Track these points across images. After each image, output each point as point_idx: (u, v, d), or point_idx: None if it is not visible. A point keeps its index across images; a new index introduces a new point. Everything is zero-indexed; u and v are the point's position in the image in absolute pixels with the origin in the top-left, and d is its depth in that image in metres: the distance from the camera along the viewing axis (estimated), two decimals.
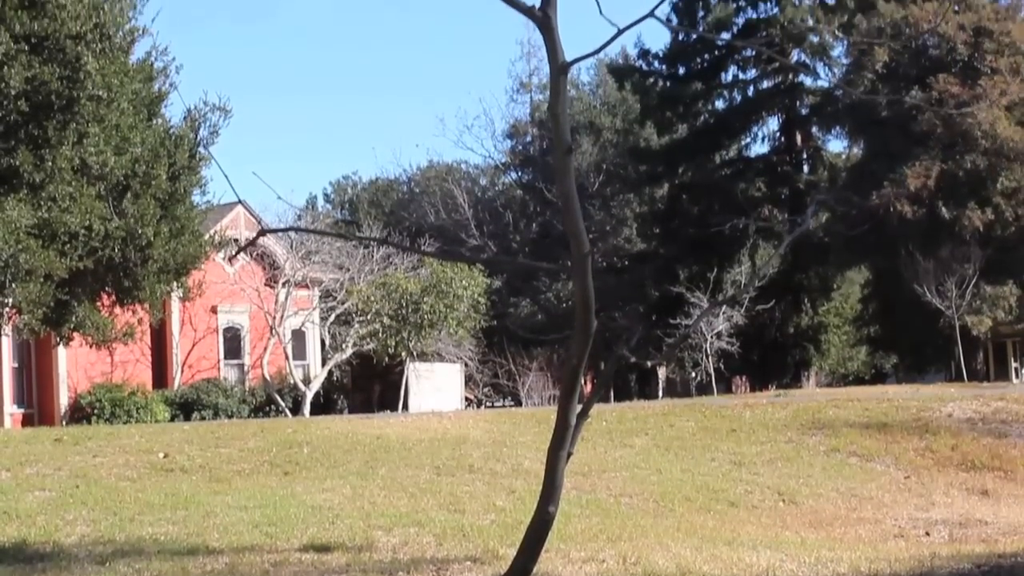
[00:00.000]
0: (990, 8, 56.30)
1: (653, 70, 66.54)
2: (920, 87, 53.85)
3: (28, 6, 25.55)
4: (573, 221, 5.62)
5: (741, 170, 65.84)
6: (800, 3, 63.34)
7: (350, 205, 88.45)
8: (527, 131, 78.62)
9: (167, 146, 28.73)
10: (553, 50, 5.68)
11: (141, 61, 29.36)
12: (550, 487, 5.81)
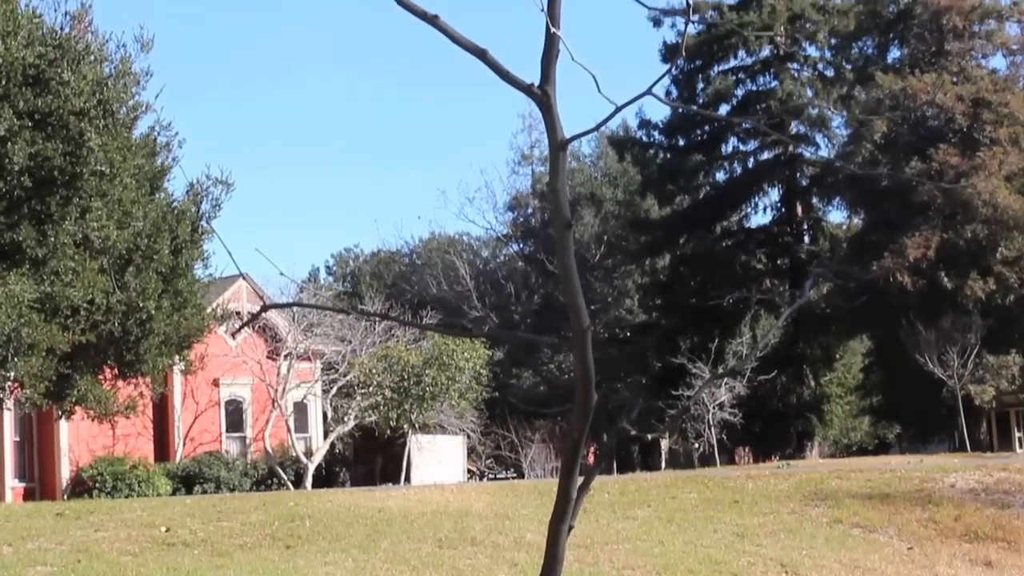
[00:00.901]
0: (988, 79, 56.64)
1: (653, 142, 66.88)
2: (919, 158, 54.08)
3: (32, 83, 25.77)
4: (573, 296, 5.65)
5: (742, 241, 66.02)
6: (799, 75, 63.79)
7: (352, 277, 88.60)
8: (528, 203, 78.87)
9: (169, 220, 28.87)
10: (552, 127, 5.74)
11: (144, 136, 29.57)
12: (551, 561, 5.81)
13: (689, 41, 59.61)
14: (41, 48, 26.27)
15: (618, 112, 6.15)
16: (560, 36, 5.82)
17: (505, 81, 6.02)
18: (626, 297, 72.64)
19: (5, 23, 25.83)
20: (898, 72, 56.80)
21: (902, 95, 54.70)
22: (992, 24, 58.95)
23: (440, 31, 5.90)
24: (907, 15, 59.46)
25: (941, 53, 58.18)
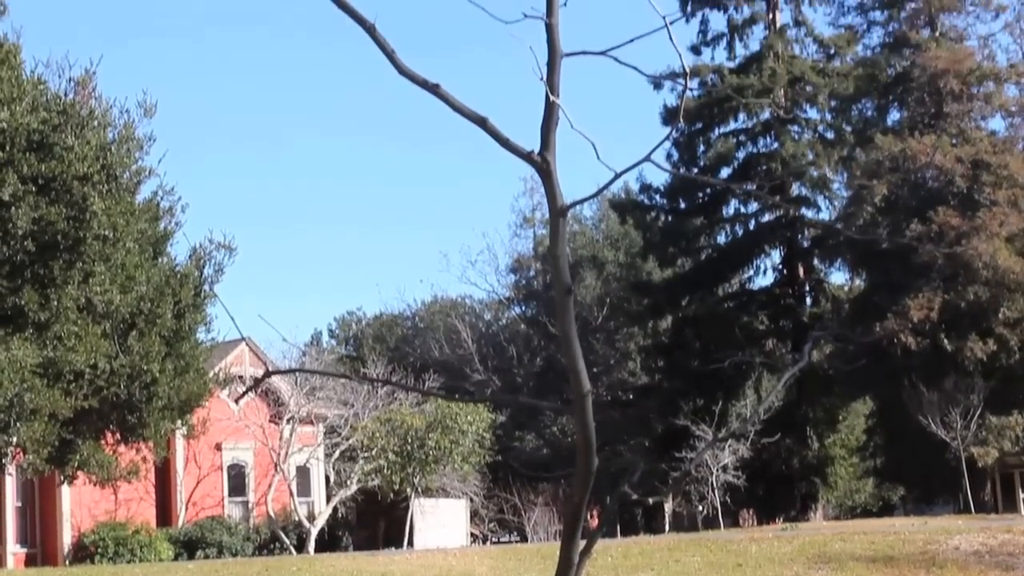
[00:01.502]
0: (987, 141, 56.86)
1: (655, 204, 67.04)
2: (920, 219, 54.22)
3: (37, 148, 25.91)
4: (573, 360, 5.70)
5: (744, 303, 66.07)
6: (800, 138, 64.03)
7: (355, 340, 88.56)
8: (530, 265, 79.03)
9: (172, 284, 28.94)
10: (552, 194, 5.80)
11: (147, 201, 29.69)
12: None
13: (690, 104, 60.21)
14: (45, 114, 26.43)
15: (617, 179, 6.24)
16: (559, 104, 5.90)
17: (505, 148, 6.09)
18: (628, 359, 72.59)
19: (10, 90, 26.01)
20: (898, 134, 57.06)
21: (902, 157, 54.93)
22: (990, 86, 59.28)
23: (441, 100, 5.98)
24: (906, 78, 59.78)
25: (940, 115, 58.46)
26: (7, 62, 26.45)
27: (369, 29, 5.67)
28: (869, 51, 64.65)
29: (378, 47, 5.69)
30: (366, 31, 5.67)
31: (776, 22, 65.36)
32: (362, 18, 5.65)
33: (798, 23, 65.97)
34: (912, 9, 62.58)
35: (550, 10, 5.83)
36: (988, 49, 63.06)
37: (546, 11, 5.84)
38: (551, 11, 5.82)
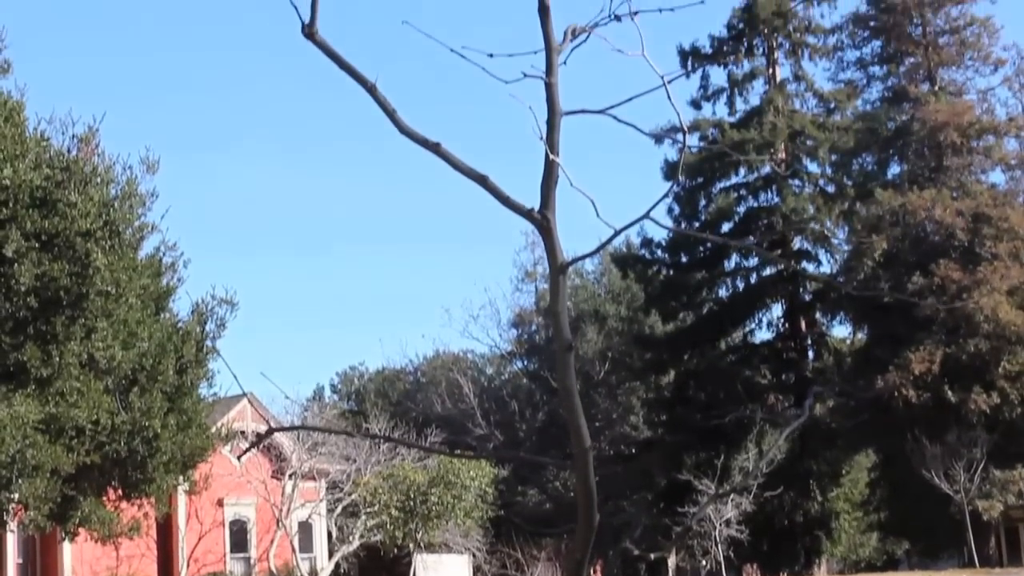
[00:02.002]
0: (987, 194, 57.01)
1: (656, 259, 67.10)
2: (921, 272, 54.30)
3: (40, 205, 26.00)
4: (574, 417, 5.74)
5: (746, 357, 66.00)
6: (800, 192, 64.17)
7: (357, 395, 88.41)
8: (532, 320, 78.98)
9: (174, 340, 28.96)
10: (552, 251, 5.86)
11: (150, 257, 29.75)
12: None
13: (691, 158, 60.40)
14: (48, 170, 26.54)
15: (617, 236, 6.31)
16: (559, 163, 5.96)
17: (505, 206, 6.17)
18: (631, 413, 72.44)
19: (13, 146, 26.13)
20: (898, 188, 57.25)
21: (902, 211, 55.09)
22: (990, 139, 59.53)
23: (442, 158, 6.05)
24: (906, 131, 60.02)
25: (940, 168, 58.66)
26: (11, 119, 26.59)
27: (370, 89, 5.75)
28: (869, 105, 64.97)
29: (379, 107, 5.78)
30: (367, 91, 5.75)
31: (776, 77, 65.69)
32: (363, 79, 5.73)
33: (798, 78, 66.29)
34: (911, 64, 62.94)
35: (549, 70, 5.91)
36: (987, 103, 63.41)
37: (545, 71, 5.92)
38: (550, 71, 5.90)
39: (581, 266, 75.78)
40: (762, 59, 65.80)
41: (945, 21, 62.45)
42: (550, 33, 6.00)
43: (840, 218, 62.71)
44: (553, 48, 5.98)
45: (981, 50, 62.57)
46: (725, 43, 65.41)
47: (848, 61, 65.78)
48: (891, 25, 62.61)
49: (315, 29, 5.76)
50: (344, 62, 5.84)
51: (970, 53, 62.76)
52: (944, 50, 62.32)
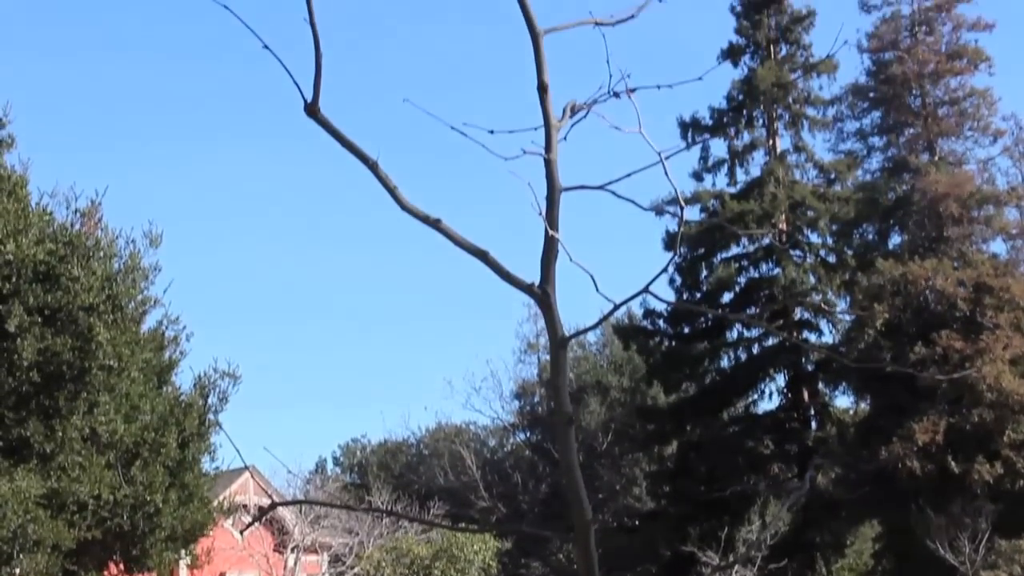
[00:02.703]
0: (989, 264, 57.07)
1: (658, 329, 67.09)
2: (923, 342, 54.28)
3: (43, 279, 26.10)
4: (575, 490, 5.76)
5: (749, 427, 65.83)
6: (802, 262, 64.29)
7: (359, 468, 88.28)
8: (535, 391, 78.97)
9: (176, 414, 28.98)
10: (552, 325, 5.89)
11: (152, 330, 29.84)
12: None
13: (691, 229, 60.53)
14: (51, 245, 26.66)
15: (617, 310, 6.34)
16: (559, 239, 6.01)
17: (506, 281, 6.20)
18: (634, 485, 72.27)
19: (17, 221, 26.27)
20: (899, 258, 57.32)
21: (903, 281, 55.15)
22: (990, 209, 59.62)
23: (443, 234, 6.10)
24: (906, 202, 60.16)
25: (941, 238, 58.74)
26: (14, 194, 26.76)
27: (372, 167, 5.80)
28: (869, 175, 65.16)
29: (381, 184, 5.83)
30: (369, 168, 5.81)
31: (776, 148, 65.98)
32: (365, 156, 5.79)
33: (798, 149, 66.55)
34: (911, 134, 63.18)
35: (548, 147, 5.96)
36: (987, 173, 63.54)
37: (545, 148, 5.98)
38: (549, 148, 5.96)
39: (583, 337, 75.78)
40: (762, 130, 66.13)
41: (944, 92, 62.77)
42: (549, 110, 6.07)
43: (841, 288, 62.76)
44: (552, 125, 6.05)
45: (980, 121, 62.83)
46: (725, 115, 65.76)
47: (848, 132, 66.07)
48: (891, 96, 62.92)
49: (317, 107, 5.83)
50: (346, 140, 5.91)
51: (969, 124, 63.00)
52: (944, 121, 62.58)
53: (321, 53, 5.76)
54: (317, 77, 5.78)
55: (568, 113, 6.23)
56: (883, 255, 58.68)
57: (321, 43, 5.77)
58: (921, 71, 61.64)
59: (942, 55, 61.99)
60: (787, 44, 66.75)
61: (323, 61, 5.76)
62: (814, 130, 66.48)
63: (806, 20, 66.16)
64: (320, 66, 5.76)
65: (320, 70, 5.78)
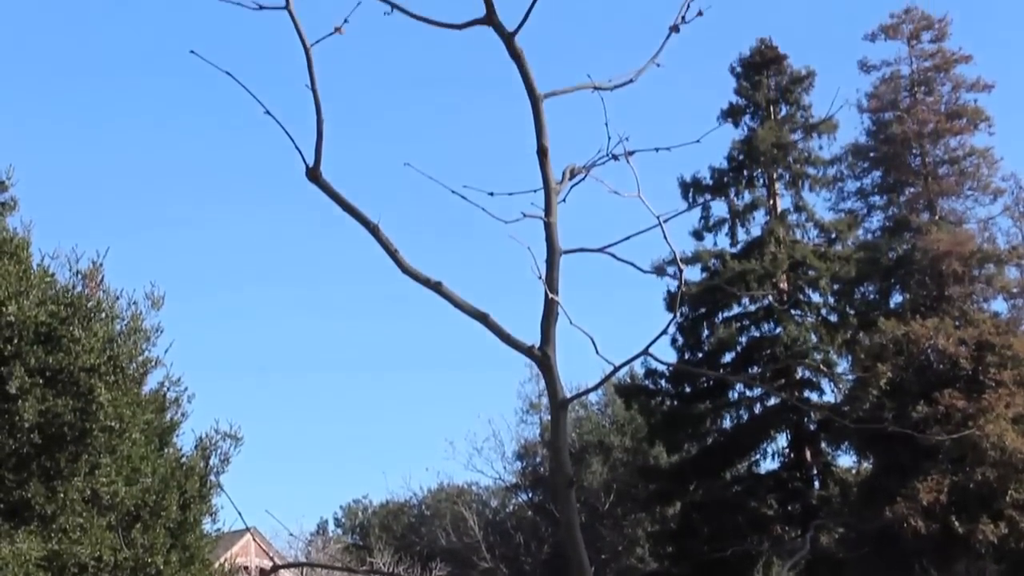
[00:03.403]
0: (990, 323, 57.10)
1: (660, 389, 67.02)
2: (925, 401, 54.23)
3: (44, 341, 26.08)
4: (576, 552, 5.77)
5: (752, 487, 65.63)
6: (803, 321, 64.28)
7: (361, 529, 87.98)
8: (537, 451, 78.79)
9: (178, 476, 28.86)
10: (552, 387, 5.92)
11: (154, 391, 29.74)
12: None
13: (693, 289, 60.58)
14: (53, 307, 26.65)
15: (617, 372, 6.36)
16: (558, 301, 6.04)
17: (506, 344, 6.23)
18: (637, 545, 72.01)
19: (18, 283, 26.29)
20: (900, 317, 57.35)
21: (905, 340, 55.15)
22: (991, 268, 59.75)
23: (443, 297, 6.14)
24: (907, 261, 60.27)
25: (942, 297, 58.80)
26: (16, 256, 26.78)
27: (373, 230, 5.85)
28: (870, 235, 65.33)
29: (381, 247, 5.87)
30: (370, 232, 5.85)
31: (777, 207, 66.15)
32: (366, 220, 5.83)
33: (799, 208, 66.74)
34: (911, 193, 63.41)
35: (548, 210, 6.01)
36: (988, 232, 63.74)
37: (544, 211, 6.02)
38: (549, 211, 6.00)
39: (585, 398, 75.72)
40: (763, 190, 66.33)
41: (944, 152, 63.04)
42: (548, 174, 6.12)
43: (843, 347, 62.74)
44: (552, 188, 6.10)
45: (980, 180, 63.08)
46: (726, 174, 66.01)
47: (848, 191, 66.32)
48: (891, 156, 63.19)
49: (319, 172, 5.88)
50: (347, 204, 5.96)
51: (970, 183, 63.25)
52: (944, 180, 62.81)
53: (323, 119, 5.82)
54: (319, 142, 5.83)
55: (567, 176, 6.27)
56: (885, 314, 58.73)
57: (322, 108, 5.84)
58: (921, 131, 61.97)
59: (942, 115, 62.33)
60: (787, 104, 67.07)
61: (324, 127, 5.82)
62: (815, 189, 66.70)
63: (806, 81, 66.51)
64: (321, 131, 5.81)
65: (321, 135, 5.83)
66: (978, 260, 58.87)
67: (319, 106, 5.83)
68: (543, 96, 6.13)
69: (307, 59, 5.87)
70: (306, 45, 5.89)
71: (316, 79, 5.80)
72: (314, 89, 5.78)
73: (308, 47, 5.89)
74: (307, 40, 5.89)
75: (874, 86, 64.29)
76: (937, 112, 62.53)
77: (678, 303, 6.64)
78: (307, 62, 5.85)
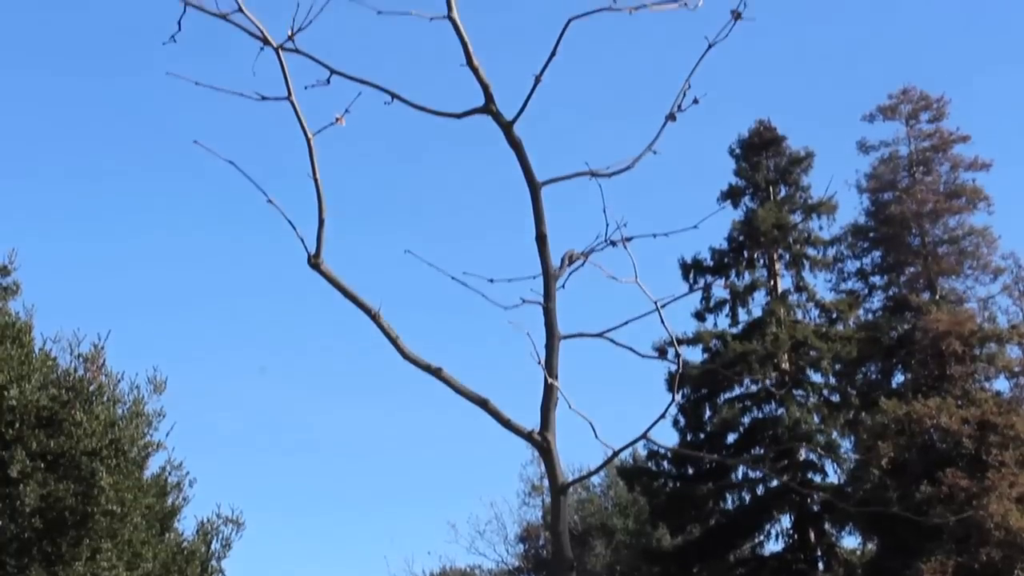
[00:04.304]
0: (992, 402, 57.00)
1: (662, 471, 66.74)
2: (929, 481, 54.03)
3: (45, 425, 26.14)
4: None
5: (756, 569, 65.19)
6: (805, 402, 64.15)
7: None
8: (539, 534, 78.39)
9: (179, 561, 28.81)
10: (552, 472, 5.96)
11: (155, 476, 29.75)
12: None
13: (695, 371, 60.54)
14: (54, 390, 26.75)
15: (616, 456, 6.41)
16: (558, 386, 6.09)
17: (506, 428, 6.27)
18: None
19: (20, 367, 26.38)
20: (902, 397, 57.27)
21: (907, 419, 55.05)
22: (992, 347, 59.72)
23: (444, 383, 6.18)
24: (908, 340, 60.28)
25: (944, 377, 58.75)
26: (18, 340, 26.90)
27: (374, 317, 5.91)
28: (871, 314, 65.37)
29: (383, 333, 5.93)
30: (371, 319, 5.91)
31: (778, 288, 66.21)
32: (367, 306, 5.90)
33: (799, 288, 66.78)
34: (911, 273, 63.55)
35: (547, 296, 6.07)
36: (988, 311, 63.81)
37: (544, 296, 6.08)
38: (548, 297, 6.06)
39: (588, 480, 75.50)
40: (763, 270, 66.43)
41: (944, 231, 63.24)
42: (548, 260, 6.19)
43: (845, 428, 62.56)
44: (551, 274, 6.17)
45: (980, 259, 63.24)
46: (726, 255, 66.14)
47: (849, 271, 66.45)
48: (890, 236, 63.39)
49: (320, 260, 5.95)
50: (348, 291, 6.02)
51: (969, 262, 63.40)
52: (944, 260, 62.97)
53: (324, 207, 5.90)
54: (320, 230, 5.91)
55: (566, 262, 6.33)
56: (887, 394, 58.64)
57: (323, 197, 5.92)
58: (920, 210, 62.20)
59: (941, 195, 62.61)
60: (786, 185, 67.31)
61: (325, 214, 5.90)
62: (815, 270, 66.78)
63: (804, 162, 66.82)
64: (323, 220, 5.89)
65: (323, 224, 5.91)
66: (979, 339, 58.88)
67: (320, 195, 5.92)
68: (542, 184, 6.22)
69: (309, 148, 5.96)
70: (308, 135, 5.98)
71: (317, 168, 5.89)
72: (315, 179, 5.86)
73: (310, 137, 5.98)
74: (309, 130, 5.99)
75: (873, 166, 64.68)
76: (936, 192, 62.81)
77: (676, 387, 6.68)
78: (309, 151, 5.94)
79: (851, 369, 64.42)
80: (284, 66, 5.99)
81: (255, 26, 5.98)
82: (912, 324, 60.49)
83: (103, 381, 28.14)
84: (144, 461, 28.84)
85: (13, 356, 26.37)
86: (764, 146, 66.93)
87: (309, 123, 6.08)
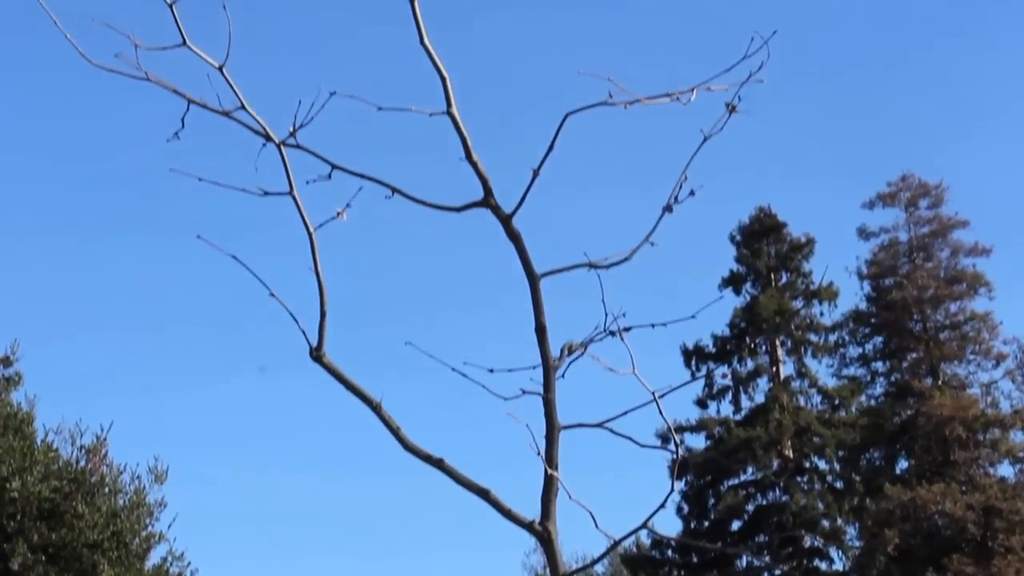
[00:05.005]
0: (997, 487, 56.82)
1: (666, 559, 66.31)
2: (934, 567, 53.76)
3: (47, 516, 26.08)
4: None
5: None
6: (809, 488, 63.90)
7: None
8: None
9: None
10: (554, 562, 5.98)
11: (157, 567, 29.62)
12: None
13: (698, 458, 60.35)
14: (56, 482, 26.72)
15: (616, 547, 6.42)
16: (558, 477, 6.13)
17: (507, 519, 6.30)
18: None
19: (22, 459, 26.37)
20: (907, 483, 57.08)
21: (912, 505, 54.84)
22: (996, 432, 59.59)
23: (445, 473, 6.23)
24: (911, 426, 60.16)
25: (948, 462, 58.59)
26: (20, 432, 26.91)
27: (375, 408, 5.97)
28: (873, 400, 65.25)
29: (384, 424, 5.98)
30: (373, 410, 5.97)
31: (780, 374, 66.14)
32: (369, 398, 5.96)
33: (801, 375, 66.70)
34: (913, 359, 63.49)
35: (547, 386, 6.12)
36: (991, 396, 63.59)
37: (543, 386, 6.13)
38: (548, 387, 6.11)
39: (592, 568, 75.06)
40: (765, 357, 66.41)
41: (945, 317, 63.25)
42: (547, 351, 6.24)
43: (850, 514, 62.26)
44: (550, 365, 6.22)
45: (982, 344, 63.16)
46: (728, 342, 66.15)
47: (851, 357, 66.39)
48: (891, 322, 63.41)
49: (323, 352, 6.01)
50: (350, 383, 6.08)
51: (971, 347, 63.32)
52: (945, 345, 62.93)
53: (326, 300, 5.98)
54: (322, 323, 5.98)
55: (565, 353, 6.39)
56: (891, 480, 58.46)
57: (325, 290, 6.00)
58: (921, 296, 62.26)
59: (941, 280, 62.67)
60: (787, 272, 67.44)
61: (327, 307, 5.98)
62: (817, 356, 66.74)
63: (805, 248, 67.01)
64: (324, 313, 5.97)
65: (324, 316, 5.98)
66: (982, 425, 58.77)
67: (322, 289, 5.99)
68: (540, 276, 6.29)
69: (310, 242, 6.05)
70: (309, 229, 6.08)
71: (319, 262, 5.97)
72: (317, 272, 5.94)
73: (311, 231, 6.07)
74: (311, 224, 6.08)
75: (873, 253, 64.82)
76: (936, 277, 62.89)
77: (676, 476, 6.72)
78: (310, 245, 6.03)
79: (855, 455, 64.22)
80: (286, 161, 6.09)
81: (257, 123, 6.08)
82: (915, 409, 60.39)
83: (105, 472, 28.13)
84: (146, 553, 28.75)
85: (15, 448, 26.36)
86: (765, 233, 67.16)
87: (311, 217, 6.18)
